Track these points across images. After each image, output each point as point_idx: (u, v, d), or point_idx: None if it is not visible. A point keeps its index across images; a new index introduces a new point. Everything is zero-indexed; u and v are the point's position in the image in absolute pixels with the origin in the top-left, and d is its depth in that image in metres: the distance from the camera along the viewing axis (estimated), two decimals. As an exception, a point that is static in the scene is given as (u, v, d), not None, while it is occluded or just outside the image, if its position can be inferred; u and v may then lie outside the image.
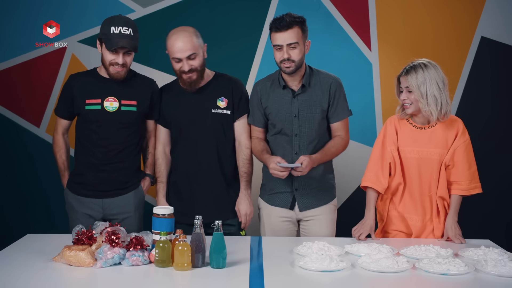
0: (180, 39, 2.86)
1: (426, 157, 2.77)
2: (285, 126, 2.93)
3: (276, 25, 2.82)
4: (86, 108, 2.92)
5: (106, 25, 2.86)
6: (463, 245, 2.69)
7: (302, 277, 2.21)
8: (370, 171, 2.85)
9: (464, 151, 2.76)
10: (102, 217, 2.95)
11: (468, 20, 4.12)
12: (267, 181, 3.02)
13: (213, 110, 2.96)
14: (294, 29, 2.80)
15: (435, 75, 2.70)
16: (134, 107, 2.95)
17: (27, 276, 2.20)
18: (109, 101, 2.91)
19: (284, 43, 2.81)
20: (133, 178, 3.01)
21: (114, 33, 2.82)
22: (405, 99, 2.75)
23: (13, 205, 4.08)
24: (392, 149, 2.81)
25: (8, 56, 4.03)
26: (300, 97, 2.92)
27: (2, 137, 4.06)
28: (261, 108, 2.98)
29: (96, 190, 2.94)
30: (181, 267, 2.24)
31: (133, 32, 2.87)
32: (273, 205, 2.99)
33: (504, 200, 4.14)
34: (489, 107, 4.14)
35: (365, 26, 4.11)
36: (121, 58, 2.85)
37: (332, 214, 3.01)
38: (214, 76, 3.02)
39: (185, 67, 2.87)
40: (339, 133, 2.97)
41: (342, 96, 2.96)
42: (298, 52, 2.83)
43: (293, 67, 2.84)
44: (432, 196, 2.80)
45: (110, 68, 2.87)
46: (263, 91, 2.97)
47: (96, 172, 2.94)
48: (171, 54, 2.89)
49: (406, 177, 2.82)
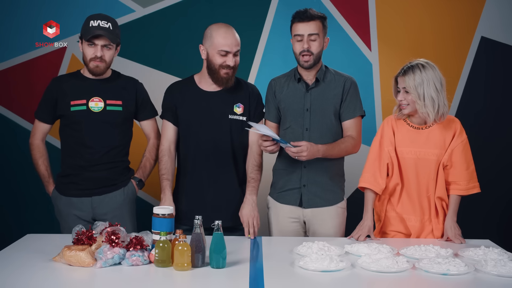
0: (231, 33, 2.86)
1: (423, 158, 2.77)
2: (296, 119, 2.94)
3: (299, 15, 2.86)
4: (71, 109, 2.91)
5: (86, 21, 2.89)
6: (463, 245, 2.69)
7: (302, 277, 2.21)
8: (368, 172, 2.84)
9: (462, 151, 2.76)
10: (92, 217, 2.95)
11: (468, 20, 4.12)
12: (277, 180, 3.02)
13: (230, 116, 2.93)
14: (316, 21, 2.86)
15: (432, 76, 2.69)
16: (120, 107, 2.95)
17: (27, 276, 2.20)
18: (94, 101, 2.90)
19: (306, 33, 2.84)
20: (121, 176, 3.00)
21: (93, 26, 2.84)
22: (402, 100, 2.75)
23: (13, 205, 4.08)
24: (390, 149, 2.81)
25: (8, 56, 4.04)
26: (314, 91, 2.94)
27: (2, 137, 4.06)
28: (275, 102, 2.99)
29: (85, 189, 2.93)
30: (181, 267, 2.24)
31: (112, 27, 2.87)
32: (282, 202, 2.98)
33: (504, 200, 4.15)
34: (489, 107, 4.15)
35: (365, 26, 4.11)
36: (99, 51, 2.84)
37: (340, 218, 2.98)
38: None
39: (231, 61, 2.85)
40: (350, 133, 2.95)
41: (355, 94, 2.96)
42: (317, 45, 2.87)
43: (311, 60, 2.87)
44: (430, 196, 2.80)
45: (90, 63, 2.87)
46: (277, 85, 3.00)
47: (84, 172, 2.93)
48: (219, 46, 2.83)
49: (403, 178, 2.81)
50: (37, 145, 3.02)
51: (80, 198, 2.94)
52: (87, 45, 2.86)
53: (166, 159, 2.94)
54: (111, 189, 2.96)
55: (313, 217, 2.96)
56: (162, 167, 2.94)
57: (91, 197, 2.94)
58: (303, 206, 2.95)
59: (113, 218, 2.88)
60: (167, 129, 2.97)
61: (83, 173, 2.93)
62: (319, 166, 2.93)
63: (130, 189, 3.02)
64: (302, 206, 2.95)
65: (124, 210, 2.99)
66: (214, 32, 2.87)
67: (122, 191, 2.99)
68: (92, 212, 2.95)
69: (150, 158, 3.09)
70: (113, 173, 2.97)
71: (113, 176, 2.97)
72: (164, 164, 2.93)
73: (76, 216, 2.93)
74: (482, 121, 4.12)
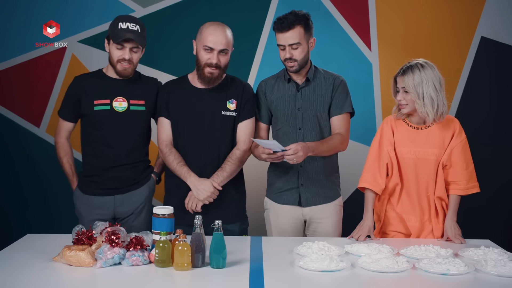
0: (220, 31, 2.86)
1: (423, 158, 2.77)
2: (289, 119, 2.94)
3: (277, 25, 2.84)
4: (95, 108, 2.91)
5: (114, 22, 2.88)
6: (463, 245, 2.69)
7: (302, 277, 2.21)
8: (368, 172, 2.84)
9: (461, 150, 2.76)
10: (114, 216, 2.96)
11: (468, 20, 4.12)
12: (274, 181, 3.02)
13: (223, 112, 2.94)
14: (296, 29, 2.82)
15: (431, 75, 2.69)
16: (143, 107, 2.95)
17: (27, 276, 2.20)
18: (118, 101, 2.91)
19: (286, 43, 2.84)
20: (143, 173, 3.02)
21: (122, 28, 2.83)
22: (401, 100, 2.75)
23: (13, 205, 4.08)
24: (389, 149, 2.81)
25: (8, 56, 4.04)
26: (304, 91, 2.94)
27: (2, 137, 4.06)
28: (266, 103, 2.99)
29: (108, 188, 2.94)
30: (181, 267, 2.24)
31: (140, 29, 2.87)
32: (281, 203, 2.98)
33: (504, 200, 4.15)
34: (489, 107, 4.15)
35: (365, 26, 4.11)
36: (127, 54, 2.85)
37: (338, 215, 3.00)
38: (225, 78, 2.99)
39: (214, 58, 2.85)
40: (338, 130, 2.95)
41: (344, 92, 2.97)
42: (300, 51, 2.85)
43: (296, 66, 2.88)
44: (430, 196, 2.79)
45: (117, 65, 2.87)
46: (268, 86, 3.00)
47: (107, 173, 2.94)
48: (204, 41, 2.85)
49: (403, 178, 2.81)
50: (62, 143, 3.02)
51: (102, 197, 2.94)
52: (115, 47, 2.85)
53: (173, 150, 2.93)
54: (133, 187, 2.98)
55: (312, 216, 2.96)
56: (172, 158, 2.91)
57: (113, 196, 2.95)
58: (302, 205, 2.95)
59: (135, 216, 2.93)
60: (165, 125, 2.96)
61: (106, 173, 2.94)
62: (315, 164, 2.94)
63: (151, 185, 3.05)
64: (301, 205, 2.95)
65: (145, 206, 3.01)
66: (204, 28, 2.89)
67: (144, 188, 3.01)
68: (114, 210, 2.96)
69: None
70: (135, 173, 2.98)
71: (135, 176, 2.99)
72: (174, 154, 2.91)
73: (97, 215, 2.92)
74: (482, 122, 4.12)
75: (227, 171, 2.89)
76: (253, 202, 3.28)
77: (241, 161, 2.95)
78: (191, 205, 2.85)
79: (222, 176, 2.88)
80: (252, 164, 3.18)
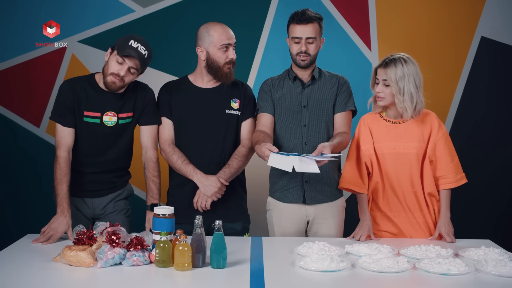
0: (226, 27, 2.92)
1: (402, 152, 2.76)
2: (294, 116, 2.95)
3: (298, 17, 2.87)
4: (84, 119, 2.84)
5: (127, 37, 2.80)
6: (463, 245, 2.68)
7: (303, 277, 2.21)
8: (348, 172, 2.83)
9: (444, 144, 2.76)
10: (92, 216, 2.95)
11: (468, 20, 4.12)
12: (277, 179, 3.00)
13: (227, 110, 2.96)
14: (314, 24, 2.88)
15: (413, 71, 2.69)
16: (130, 118, 2.92)
17: (27, 276, 2.20)
18: (109, 116, 2.86)
19: (304, 36, 2.87)
20: (122, 178, 3.01)
21: (132, 46, 2.76)
22: (380, 92, 2.74)
23: (13, 205, 4.08)
24: (367, 147, 2.80)
25: (8, 56, 4.04)
26: (310, 89, 2.96)
27: (2, 137, 4.06)
28: (271, 98, 2.98)
29: (87, 190, 2.93)
30: (181, 267, 2.24)
31: (147, 56, 2.80)
32: (285, 201, 2.98)
33: (504, 200, 4.15)
34: (489, 107, 4.15)
35: (365, 26, 4.11)
36: (124, 70, 2.76)
37: (340, 216, 3.00)
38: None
39: (232, 54, 2.89)
40: (342, 129, 2.95)
41: (348, 91, 3.00)
42: (315, 46, 2.90)
43: (308, 60, 2.91)
44: (417, 192, 2.78)
45: (109, 76, 2.78)
46: (273, 84, 3.01)
47: (88, 177, 2.92)
48: (220, 41, 2.87)
49: (383, 175, 2.80)
50: (65, 158, 2.77)
51: (82, 198, 2.93)
52: (116, 59, 2.76)
53: (176, 149, 2.93)
54: (112, 191, 2.97)
55: (316, 216, 2.96)
56: (176, 157, 2.91)
57: (92, 198, 2.94)
58: (307, 203, 2.95)
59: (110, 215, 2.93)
60: (167, 125, 2.97)
61: (86, 178, 2.92)
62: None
63: (127, 190, 3.04)
64: (306, 203, 2.95)
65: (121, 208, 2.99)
66: (211, 30, 2.89)
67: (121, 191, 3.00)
68: (92, 212, 2.95)
69: (151, 176, 2.94)
70: (115, 177, 2.98)
71: (115, 180, 2.98)
72: (177, 153, 2.92)
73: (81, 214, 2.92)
74: (482, 122, 4.12)
75: (234, 167, 2.91)
76: (253, 202, 3.27)
77: (247, 158, 2.98)
78: (201, 203, 2.85)
79: (229, 172, 2.89)
80: (252, 164, 3.18)
